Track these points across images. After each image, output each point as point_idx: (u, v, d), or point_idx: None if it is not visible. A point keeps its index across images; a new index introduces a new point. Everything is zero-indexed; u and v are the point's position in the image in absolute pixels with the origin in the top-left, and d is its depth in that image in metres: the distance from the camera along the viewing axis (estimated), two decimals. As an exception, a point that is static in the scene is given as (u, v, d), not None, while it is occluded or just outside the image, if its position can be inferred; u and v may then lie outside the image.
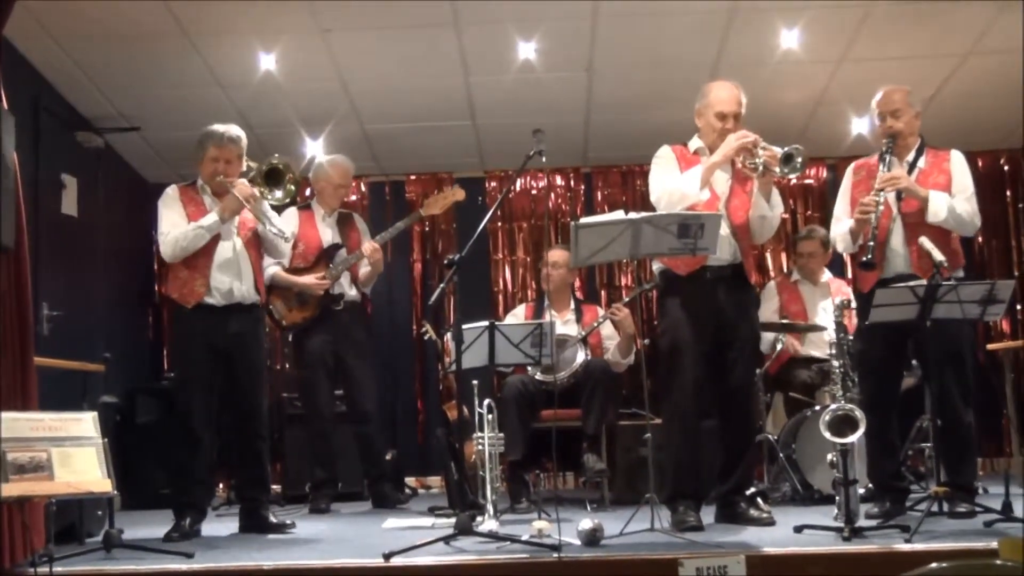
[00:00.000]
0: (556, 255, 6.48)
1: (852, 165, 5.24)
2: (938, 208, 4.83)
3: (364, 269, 6.39)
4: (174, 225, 5.09)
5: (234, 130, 5.20)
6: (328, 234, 6.42)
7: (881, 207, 4.82)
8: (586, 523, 4.19)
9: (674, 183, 4.73)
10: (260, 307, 5.32)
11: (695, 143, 4.95)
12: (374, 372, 6.60)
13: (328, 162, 6.52)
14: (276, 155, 5.25)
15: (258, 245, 5.28)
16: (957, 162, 5.02)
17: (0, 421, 3.86)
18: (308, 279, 6.23)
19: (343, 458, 6.48)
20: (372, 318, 6.74)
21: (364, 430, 6.38)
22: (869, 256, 4.77)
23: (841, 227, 5.11)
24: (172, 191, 5.23)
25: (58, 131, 6.57)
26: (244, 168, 5.24)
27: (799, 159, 4.54)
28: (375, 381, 6.58)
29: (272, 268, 6.12)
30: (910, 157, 5.03)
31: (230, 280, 5.11)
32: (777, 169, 4.58)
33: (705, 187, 4.71)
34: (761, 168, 4.64)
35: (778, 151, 4.58)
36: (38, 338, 5.02)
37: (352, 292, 6.39)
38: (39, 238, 5.85)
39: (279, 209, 5.64)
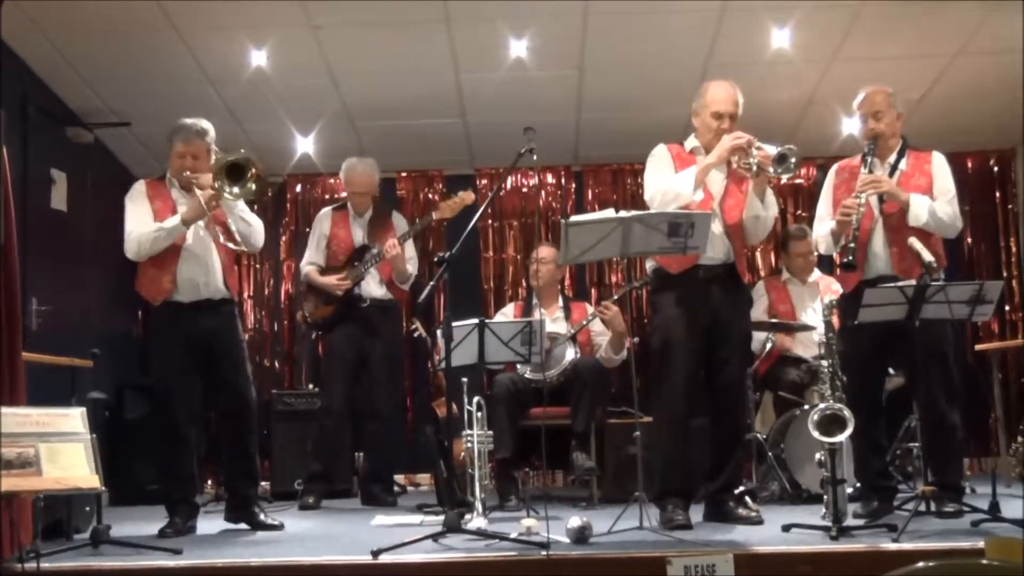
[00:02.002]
0: (544, 251, 6.50)
1: (835, 166, 5.27)
2: (919, 211, 4.85)
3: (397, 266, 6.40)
4: (139, 223, 5.03)
5: (202, 124, 5.14)
6: (359, 234, 6.45)
7: (863, 209, 4.84)
8: (575, 521, 4.20)
9: (668, 183, 4.73)
10: (232, 303, 5.25)
11: (691, 142, 4.95)
12: (397, 373, 6.62)
13: (347, 166, 6.56)
14: (242, 150, 5.07)
15: (229, 240, 5.19)
16: (939, 164, 5.04)
17: (-12, 416, 3.85)
18: (329, 279, 6.31)
19: (339, 455, 6.49)
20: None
21: (373, 428, 6.38)
22: (850, 258, 4.80)
23: (823, 228, 5.13)
24: (140, 186, 5.19)
25: (47, 126, 6.54)
26: (213, 160, 5.09)
27: (792, 159, 4.54)
28: (396, 382, 6.58)
29: (306, 268, 6.39)
30: (892, 158, 5.05)
31: (198, 277, 5.07)
32: (771, 169, 4.59)
33: (699, 188, 4.71)
34: (755, 168, 4.65)
35: (772, 151, 4.58)
36: (26, 333, 5.01)
37: (381, 292, 6.40)
38: (28, 233, 5.82)
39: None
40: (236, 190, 4.92)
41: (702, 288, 4.76)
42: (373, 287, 6.38)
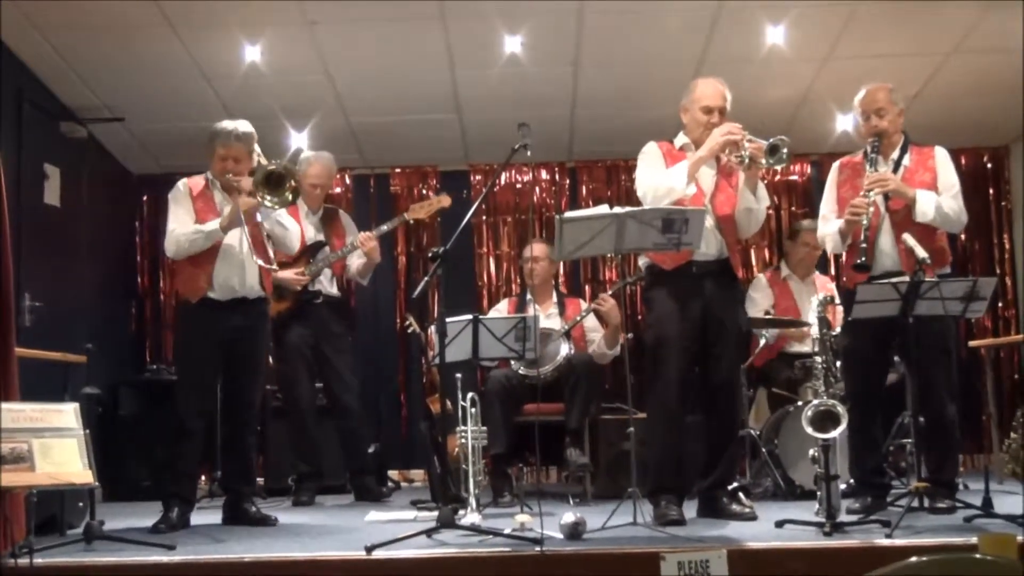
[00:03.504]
0: (537, 249, 6.49)
1: (837, 163, 5.23)
2: (926, 207, 4.84)
3: (359, 260, 6.39)
4: (180, 223, 5.06)
5: (242, 127, 5.14)
6: (311, 231, 6.40)
7: (871, 208, 4.82)
8: (568, 517, 4.19)
9: (660, 178, 4.73)
10: (265, 302, 5.28)
11: (681, 139, 4.95)
12: (354, 366, 6.60)
13: (310, 158, 6.50)
14: (276, 160, 5.12)
15: (264, 241, 5.23)
16: (942, 159, 5.03)
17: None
18: (287, 273, 6.22)
19: (325, 451, 6.48)
20: (356, 312, 6.73)
21: (346, 424, 6.38)
22: (863, 259, 4.77)
23: (830, 227, 5.09)
24: (183, 186, 5.19)
25: (42, 121, 6.54)
26: (255, 164, 5.13)
27: (784, 150, 4.55)
28: (355, 375, 6.57)
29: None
30: (895, 155, 5.03)
31: (234, 276, 5.08)
32: (763, 161, 4.60)
33: (691, 182, 4.72)
34: (747, 161, 4.65)
35: (763, 143, 4.59)
36: (20, 329, 5.00)
37: (332, 289, 6.42)
38: (21, 228, 5.82)
39: None
40: (275, 199, 4.96)
41: (695, 284, 4.76)
42: (326, 284, 6.39)
